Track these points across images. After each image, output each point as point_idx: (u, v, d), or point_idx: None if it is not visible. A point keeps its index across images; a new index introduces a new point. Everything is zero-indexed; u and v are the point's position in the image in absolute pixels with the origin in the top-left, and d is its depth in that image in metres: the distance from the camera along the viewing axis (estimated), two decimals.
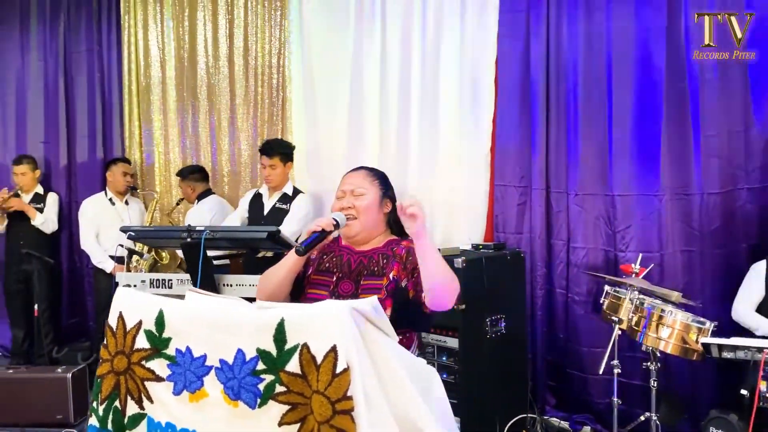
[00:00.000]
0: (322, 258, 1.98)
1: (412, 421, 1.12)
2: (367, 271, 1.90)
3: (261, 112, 4.44)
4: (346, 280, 1.90)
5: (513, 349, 3.48)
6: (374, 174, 2.05)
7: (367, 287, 1.86)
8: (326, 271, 1.93)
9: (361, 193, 1.97)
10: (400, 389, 1.10)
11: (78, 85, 5.05)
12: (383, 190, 2.02)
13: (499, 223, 3.81)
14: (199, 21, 4.62)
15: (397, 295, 1.83)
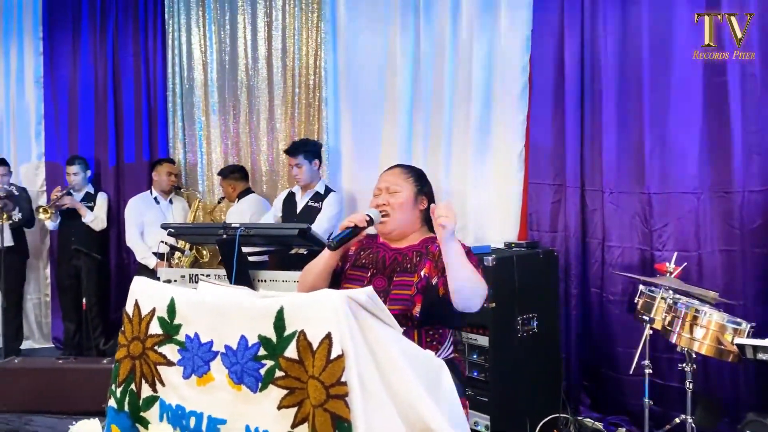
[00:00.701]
0: (359, 254, 2.03)
1: (413, 408, 1.15)
2: (400, 267, 1.95)
3: (298, 112, 4.52)
4: (379, 276, 1.94)
5: (545, 348, 3.46)
6: (410, 171, 2.08)
7: (399, 284, 1.90)
8: (362, 267, 1.99)
9: (395, 191, 2.00)
10: (400, 377, 1.13)
11: (125, 88, 5.25)
12: (418, 187, 2.04)
13: (533, 221, 3.78)
14: (239, 24, 4.74)
15: (427, 293, 1.87)
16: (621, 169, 3.51)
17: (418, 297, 1.87)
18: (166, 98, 5.06)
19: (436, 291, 1.87)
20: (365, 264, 2.00)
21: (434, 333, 1.92)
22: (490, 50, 3.82)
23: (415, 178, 2.06)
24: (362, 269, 1.98)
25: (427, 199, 2.05)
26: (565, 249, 3.67)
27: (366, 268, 1.98)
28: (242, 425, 1.07)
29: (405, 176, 2.05)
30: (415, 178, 2.06)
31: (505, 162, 3.82)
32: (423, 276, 1.90)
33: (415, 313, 1.85)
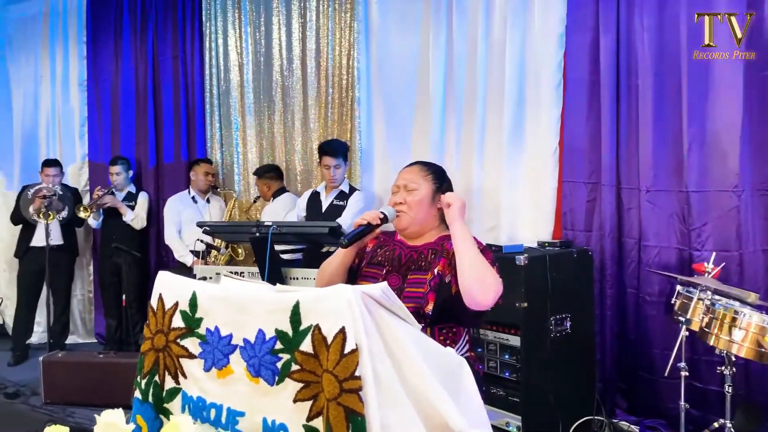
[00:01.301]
0: (376, 251, 2.04)
1: (430, 404, 1.15)
2: (415, 265, 1.94)
3: (331, 112, 4.55)
4: (394, 273, 1.94)
5: (579, 349, 3.41)
6: (428, 169, 2.07)
7: (412, 281, 1.90)
8: (377, 264, 1.99)
9: (413, 188, 1.99)
10: (417, 373, 1.13)
11: (165, 90, 5.37)
12: (437, 184, 2.03)
13: (567, 220, 3.73)
14: (273, 25, 4.80)
15: (440, 291, 1.86)
16: (658, 167, 3.43)
17: (431, 295, 1.86)
18: (204, 99, 5.16)
19: (449, 289, 1.87)
20: (381, 261, 2.00)
21: (448, 332, 1.91)
22: (524, 47, 3.78)
23: (434, 175, 2.05)
24: (378, 266, 1.99)
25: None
26: (600, 248, 3.60)
27: (381, 266, 1.98)
28: (260, 418, 1.08)
29: (424, 174, 2.04)
30: (434, 175, 2.05)
31: (539, 160, 3.77)
32: (436, 274, 1.90)
33: (428, 311, 1.85)
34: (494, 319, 3.31)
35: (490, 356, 3.36)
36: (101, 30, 5.72)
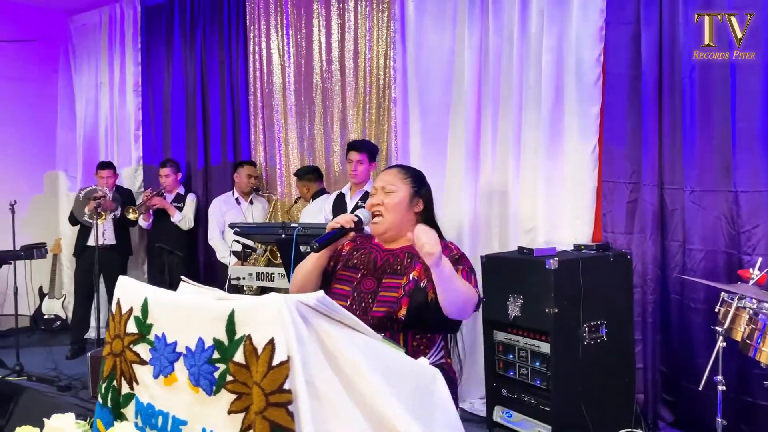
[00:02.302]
0: (352, 254, 2.01)
1: (382, 415, 1.10)
2: (390, 269, 1.91)
3: (369, 113, 4.53)
4: (369, 277, 1.91)
5: (617, 357, 3.25)
6: (407, 172, 2.04)
7: (387, 285, 1.87)
8: (353, 267, 1.96)
9: (391, 191, 1.96)
10: (368, 384, 1.09)
11: (212, 93, 5.50)
12: (415, 188, 1.99)
13: (607, 222, 3.56)
14: (314, 27, 4.82)
15: (414, 296, 1.82)
16: (704, 165, 3.22)
17: (405, 300, 1.82)
18: (248, 102, 5.25)
19: (425, 294, 1.82)
20: (356, 264, 1.96)
21: (422, 337, 1.86)
22: (561, 42, 3.64)
23: (412, 179, 2.01)
24: (353, 269, 1.96)
25: (423, 201, 2.01)
26: (641, 252, 3.42)
27: (357, 269, 1.95)
28: (200, 427, 1.06)
29: (402, 176, 2.00)
30: (413, 179, 2.01)
31: (577, 159, 3.62)
32: (412, 279, 1.86)
33: (401, 315, 1.80)
34: (524, 325, 3.21)
35: (521, 363, 3.26)
36: (154, 37, 5.92)
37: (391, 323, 1.79)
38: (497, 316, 3.32)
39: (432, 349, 1.88)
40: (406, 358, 1.29)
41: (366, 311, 1.82)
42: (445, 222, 4.13)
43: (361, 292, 1.87)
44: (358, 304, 1.85)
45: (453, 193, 4.10)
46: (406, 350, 1.79)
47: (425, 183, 2.04)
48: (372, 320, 1.80)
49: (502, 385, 3.37)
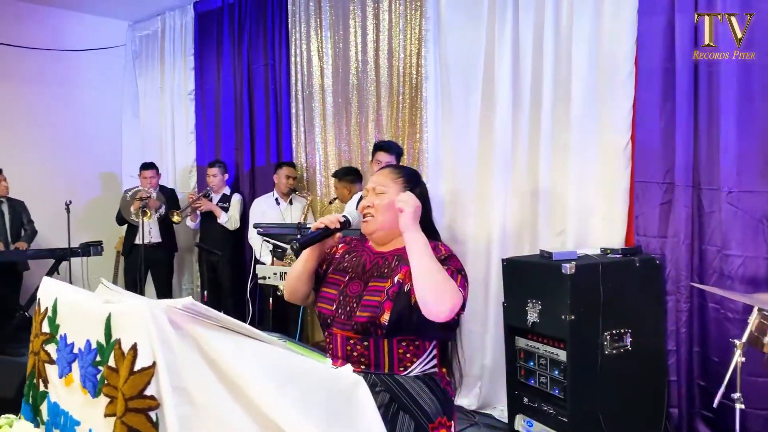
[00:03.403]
0: (344, 257, 1.95)
1: (275, 424, 1.08)
2: (378, 272, 1.84)
3: (402, 113, 4.49)
4: (357, 280, 1.85)
5: (644, 368, 3.07)
6: (400, 172, 1.96)
7: (372, 289, 1.80)
8: (342, 271, 1.91)
9: (381, 192, 1.89)
10: (255, 390, 1.07)
11: (257, 96, 5.62)
12: (407, 188, 1.90)
13: (639, 225, 3.35)
14: (351, 28, 4.83)
15: (398, 300, 1.73)
16: (743, 165, 2.97)
17: (388, 304, 1.74)
18: (290, 104, 5.32)
19: (408, 298, 1.73)
20: (346, 268, 1.91)
21: (409, 344, 1.77)
22: (593, 35, 3.46)
23: (404, 178, 1.92)
24: (342, 273, 1.90)
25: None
26: (675, 257, 3.20)
27: (345, 272, 1.89)
28: (88, 428, 1.08)
29: (394, 176, 1.92)
30: (405, 179, 1.92)
31: (608, 158, 3.43)
32: (396, 282, 1.78)
33: (383, 321, 1.72)
34: (542, 332, 3.08)
35: (541, 371, 3.13)
36: (206, 42, 6.12)
37: (374, 329, 1.73)
38: (518, 321, 3.21)
39: (421, 357, 1.79)
40: (318, 365, 1.25)
41: (350, 316, 1.77)
42: (474, 224, 4.06)
43: (347, 296, 1.82)
44: (343, 308, 1.80)
45: (483, 194, 3.99)
46: (391, 358, 1.75)
47: (419, 182, 1.96)
48: (355, 326, 1.75)
49: (523, 393, 3.26)
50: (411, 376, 1.77)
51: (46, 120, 6.48)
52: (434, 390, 1.78)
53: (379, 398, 1.72)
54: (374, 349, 1.75)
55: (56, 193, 5.52)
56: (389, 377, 1.75)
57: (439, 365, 1.86)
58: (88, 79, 6.79)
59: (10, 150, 6.08)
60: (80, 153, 6.65)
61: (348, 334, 1.78)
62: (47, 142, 6.45)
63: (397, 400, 1.73)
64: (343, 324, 1.78)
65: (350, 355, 1.77)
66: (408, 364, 1.77)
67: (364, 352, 1.76)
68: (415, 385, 1.76)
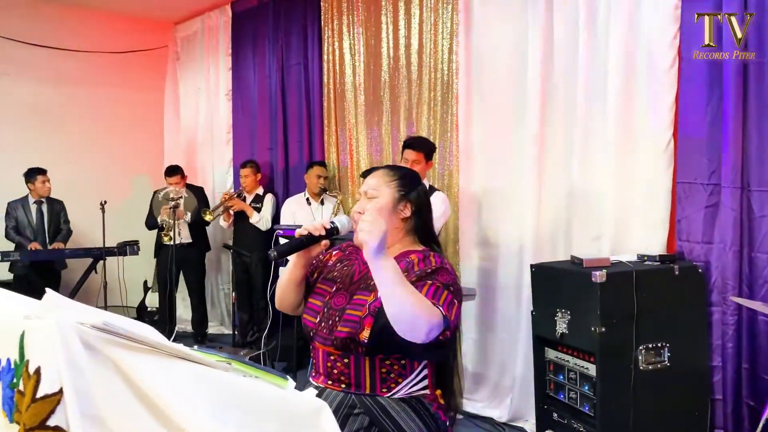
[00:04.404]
0: (335, 265, 1.82)
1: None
2: (364, 284, 1.69)
3: (434, 110, 4.32)
4: (342, 292, 1.71)
5: (684, 386, 2.83)
6: (394, 174, 1.80)
7: (355, 303, 1.66)
8: (330, 280, 1.77)
9: (372, 196, 1.74)
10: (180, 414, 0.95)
11: (291, 96, 5.56)
12: (402, 192, 1.75)
13: (682, 229, 3.09)
14: (383, 24, 4.70)
15: (380, 316, 1.56)
16: None
17: (369, 320, 1.59)
18: (322, 103, 5.24)
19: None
20: (335, 277, 1.77)
21: (393, 364, 1.62)
22: (631, 24, 3.21)
23: (399, 181, 1.76)
24: (329, 283, 1.76)
25: (413, 206, 1.75)
26: (721, 265, 2.93)
27: (333, 282, 1.75)
28: None
29: (388, 179, 1.76)
30: (400, 181, 1.76)
31: (648, 157, 3.18)
32: (379, 296, 1.60)
33: (363, 338, 1.58)
34: (571, 344, 2.87)
35: (571, 386, 2.92)
36: (242, 42, 6.10)
37: (354, 345, 1.60)
38: (547, 332, 3.01)
39: (408, 378, 1.64)
40: (270, 390, 1.12)
41: (332, 330, 1.64)
42: (506, 227, 3.86)
43: (331, 309, 1.69)
44: (326, 321, 1.68)
45: (516, 195, 3.80)
46: (372, 377, 1.61)
47: (416, 186, 1.80)
48: (335, 341, 1.62)
49: (553, 408, 3.06)
50: (395, 398, 1.63)
51: (90, 121, 6.60)
52: (422, 414, 1.64)
53: (358, 421, 1.60)
54: (355, 367, 1.62)
55: (98, 193, 5.58)
56: (370, 398, 1.61)
57: (432, 387, 1.70)
58: (131, 81, 6.88)
59: (53, 150, 6.22)
60: (122, 154, 6.75)
61: (329, 349, 1.65)
62: (90, 143, 6.57)
63: (378, 424, 1.60)
64: (325, 338, 1.66)
65: (331, 372, 1.65)
66: (392, 385, 1.63)
67: (344, 369, 1.63)
68: (399, 408, 1.62)
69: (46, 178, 5.43)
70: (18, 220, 5.37)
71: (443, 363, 1.75)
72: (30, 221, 5.40)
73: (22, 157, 5.59)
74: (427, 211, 1.80)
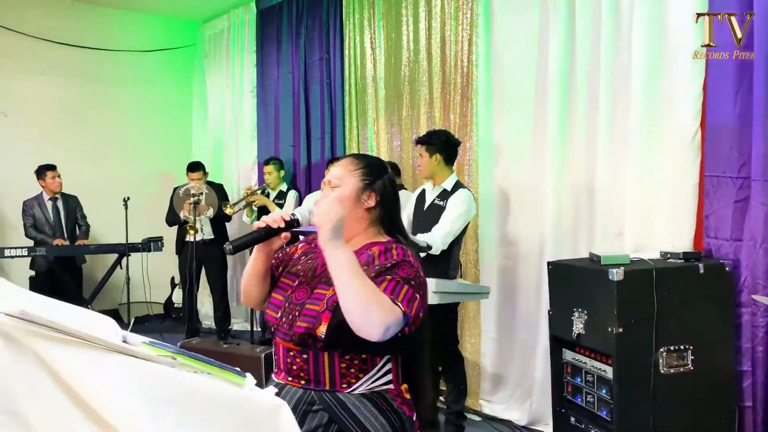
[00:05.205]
0: (300, 258, 1.75)
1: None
2: (325, 278, 1.60)
3: (453, 104, 4.21)
4: (304, 286, 1.64)
5: (709, 391, 2.67)
6: (358, 161, 1.71)
7: (315, 297, 1.59)
8: (293, 274, 1.69)
9: (336, 185, 1.66)
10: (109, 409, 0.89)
11: (313, 92, 5.52)
12: (366, 181, 1.66)
13: (709, 226, 2.92)
14: (403, 17, 4.61)
15: (338, 311, 1.50)
16: None
17: (326, 314, 1.52)
18: (344, 98, 5.17)
19: None
20: (298, 271, 1.69)
21: (353, 359, 1.55)
22: (656, 10, 3.06)
23: (363, 170, 1.67)
24: (292, 277, 1.69)
25: (377, 195, 1.66)
26: (751, 263, 2.75)
27: (296, 277, 1.68)
28: None
29: (352, 167, 1.68)
30: (364, 170, 1.67)
31: (674, 149, 3.02)
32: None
33: (320, 333, 1.51)
34: (588, 345, 2.74)
35: (588, 389, 2.79)
36: (267, 39, 6.09)
37: (312, 341, 1.53)
38: (563, 332, 2.88)
39: (369, 373, 1.57)
40: (221, 387, 1.05)
41: (291, 325, 1.58)
42: (526, 224, 3.73)
43: (292, 303, 1.62)
44: (287, 316, 1.60)
45: (536, 191, 3.67)
46: (332, 373, 1.54)
47: (382, 174, 1.70)
48: (293, 336, 1.56)
49: (570, 412, 2.93)
50: (356, 393, 1.56)
51: (117, 119, 6.68)
52: (384, 410, 1.56)
53: (317, 418, 1.54)
54: (313, 362, 1.55)
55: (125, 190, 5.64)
56: (330, 395, 1.55)
57: (397, 382, 1.62)
58: (159, 79, 6.95)
59: (83, 147, 6.32)
60: (150, 151, 6.82)
61: (288, 345, 1.58)
62: (117, 141, 6.65)
63: (338, 421, 1.53)
64: (284, 334, 1.59)
65: (290, 368, 1.58)
66: (352, 381, 1.56)
67: (303, 365, 1.56)
68: (360, 404, 1.55)
69: (56, 173, 5.48)
70: (36, 218, 5.44)
71: (411, 358, 1.67)
72: (47, 218, 5.46)
73: (49, 156, 5.66)
74: (393, 202, 1.71)
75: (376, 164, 1.73)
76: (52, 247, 5.28)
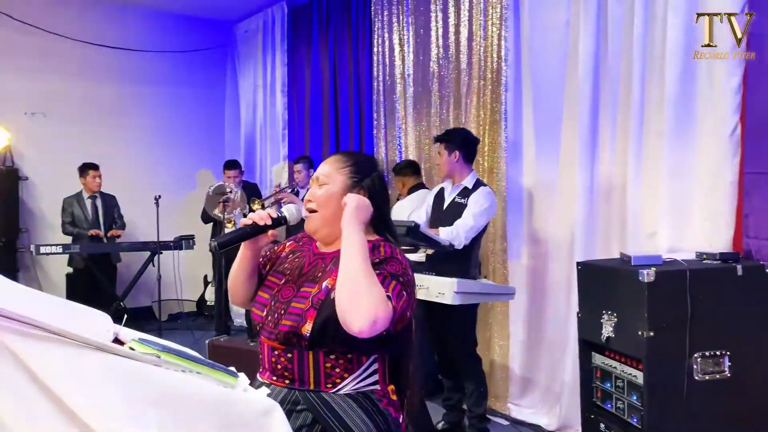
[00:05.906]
0: (287, 256, 1.72)
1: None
2: (312, 276, 1.60)
3: (483, 101, 4.12)
4: (290, 285, 1.61)
5: (747, 400, 2.52)
6: (347, 159, 1.68)
7: (301, 295, 1.56)
8: (280, 273, 1.67)
9: (324, 183, 1.64)
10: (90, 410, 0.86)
11: (342, 90, 5.50)
12: (355, 179, 1.63)
13: (749, 225, 2.78)
14: (432, 13, 4.54)
15: (323, 309, 1.49)
16: None
17: (311, 312, 1.49)
18: (372, 96, 5.13)
19: (334, 307, 1.45)
20: (284, 269, 1.66)
21: (339, 358, 1.51)
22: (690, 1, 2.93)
23: (352, 168, 1.65)
24: (279, 275, 1.66)
25: (366, 193, 1.62)
26: None
27: (283, 275, 1.65)
28: None
29: (340, 165, 1.66)
30: (353, 168, 1.65)
31: (711, 146, 2.88)
32: (324, 288, 1.53)
33: (305, 331, 1.48)
34: (618, 349, 2.63)
35: (618, 394, 2.68)
36: (298, 37, 6.10)
37: (297, 339, 1.50)
38: (593, 335, 2.77)
39: (354, 373, 1.53)
40: (208, 387, 1.01)
41: (277, 324, 1.55)
42: (556, 223, 3.63)
43: (278, 302, 1.59)
44: (272, 315, 1.58)
45: (566, 189, 3.56)
46: (316, 372, 1.51)
47: (372, 172, 1.67)
48: (278, 335, 1.53)
49: (600, 419, 2.82)
50: (341, 394, 1.52)
51: (151, 119, 6.78)
52: (369, 411, 1.52)
53: (301, 418, 1.50)
54: (298, 362, 1.52)
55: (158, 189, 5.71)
56: (314, 394, 1.52)
57: (384, 382, 1.58)
58: (192, 79, 7.03)
59: (119, 146, 6.43)
60: (183, 150, 6.91)
61: (273, 344, 1.55)
62: (151, 140, 6.75)
63: (322, 421, 1.50)
64: (270, 332, 1.56)
65: (275, 367, 1.55)
66: (337, 381, 1.52)
67: (287, 365, 1.53)
68: (345, 404, 1.51)
69: (97, 173, 5.59)
70: (74, 215, 5.55)
71: (398, 358, 1.62)
72: (86, 215, 5.57)
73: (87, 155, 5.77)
74: (382, 199, 1.68)
75: (365, 162, 1.71)
76: (86, 245, 5.37)
